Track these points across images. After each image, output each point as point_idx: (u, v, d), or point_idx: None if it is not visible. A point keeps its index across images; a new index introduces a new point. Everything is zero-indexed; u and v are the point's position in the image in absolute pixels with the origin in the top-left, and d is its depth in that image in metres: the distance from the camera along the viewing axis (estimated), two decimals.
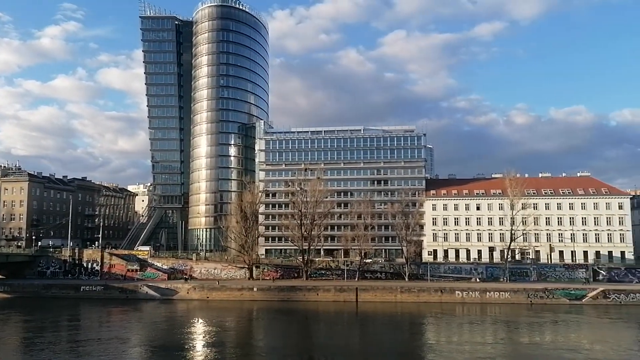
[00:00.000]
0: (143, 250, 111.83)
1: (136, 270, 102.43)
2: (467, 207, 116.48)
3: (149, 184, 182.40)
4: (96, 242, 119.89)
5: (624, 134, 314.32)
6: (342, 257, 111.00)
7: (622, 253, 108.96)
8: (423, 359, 47.86)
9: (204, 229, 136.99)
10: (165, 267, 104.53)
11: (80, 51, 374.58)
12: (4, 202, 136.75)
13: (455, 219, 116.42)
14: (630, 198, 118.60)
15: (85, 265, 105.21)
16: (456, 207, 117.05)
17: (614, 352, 48.90)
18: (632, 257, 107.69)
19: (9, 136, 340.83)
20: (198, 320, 68.30)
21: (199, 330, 61.20)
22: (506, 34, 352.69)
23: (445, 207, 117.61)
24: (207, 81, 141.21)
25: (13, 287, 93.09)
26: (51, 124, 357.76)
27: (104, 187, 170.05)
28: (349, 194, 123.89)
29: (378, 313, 76.97)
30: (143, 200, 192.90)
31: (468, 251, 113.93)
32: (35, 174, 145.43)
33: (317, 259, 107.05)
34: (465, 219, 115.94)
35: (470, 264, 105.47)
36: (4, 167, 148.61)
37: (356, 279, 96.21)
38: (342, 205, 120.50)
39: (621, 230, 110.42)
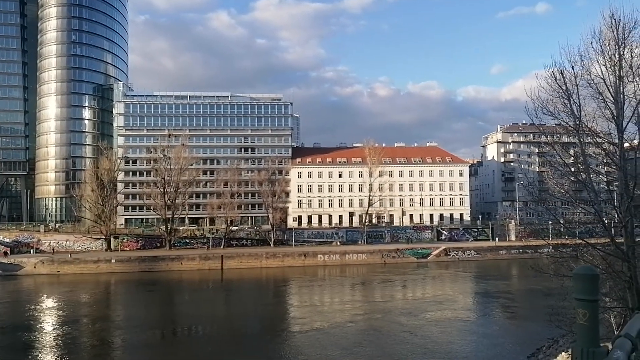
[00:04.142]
0: None
1: None
2: (330, 175, 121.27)
3: None
4: None
5: (468, 108, 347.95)
6: (208, 225, 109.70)
7: (461, 215, 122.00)
8: (285, 321, 49.77)
9: (54, 198, 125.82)
10: (7, 240, 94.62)
11: None
12: None
13: (319, 186, 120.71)
14: (469, 166, 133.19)
15: None
16: (320, 175, 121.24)
17: (450, 302, 55.31)
18: (469, 219, 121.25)
19: None
20: (47, 296, 63.45)
21: (48, 307, 56.92)
22: (374, 9, 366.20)
23: (310, 175, 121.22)
24: (56, 36, 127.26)
25: None
26: None
27: None
28: (215, 161, 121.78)
29: (244, 279, 78.01)
30: None
31: (330, 217, 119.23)
32: None
33: (181, 228, 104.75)
34: (329, 186, 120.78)
35: (332, 228, 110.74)
36: None
37: (222, 247, 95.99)
38: (208, 172, 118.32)
39: (461, 195, 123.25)
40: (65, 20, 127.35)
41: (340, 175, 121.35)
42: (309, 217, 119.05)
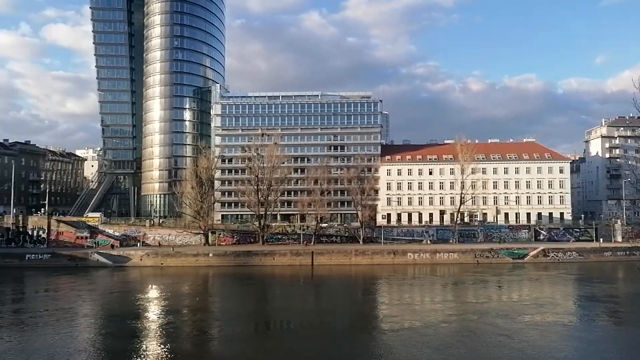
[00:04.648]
0: (93, 217, 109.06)
1: (86, 238, 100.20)
2: (420, 172, 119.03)
3: (99, 149, 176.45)
4: (42, 209, 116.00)
5: (569, 101, 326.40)
6: (299, 222, 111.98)
7: (562, 214, 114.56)
8: (376, 318, 49.55)
9: (158, 195, 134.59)
10: (117, 234, 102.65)
11: (24, 4, 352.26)
12: None
13: (408, 183, 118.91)
14: (570, 163, 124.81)
15: (30, 233, 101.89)
16: (410, 172, 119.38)
17: (551, 305, 52.10)
18: (570, 218, 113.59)
19: None
20: (152, 287, 67.96)
21: (154, 297, 60.99)
22: (467, 1, 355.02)
23: (399, 172, 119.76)
24: (160, 42, 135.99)
25: None
26: None
27: (50, 151, 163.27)
28: (305, 159, 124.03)
29: (333, 276, 78.76)
30: (93, 166, 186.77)
31: (420, 214, 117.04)
32: None
33: (273, 224, 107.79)
34: (418, 183, 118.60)
35: (422, 226, 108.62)
36: None
37: (312, 243, 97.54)
38: (299, 170, 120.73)
39: (561, 192, 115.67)
40: (168, 27, 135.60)
41: (430, 173, 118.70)
42: (399, 215, 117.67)
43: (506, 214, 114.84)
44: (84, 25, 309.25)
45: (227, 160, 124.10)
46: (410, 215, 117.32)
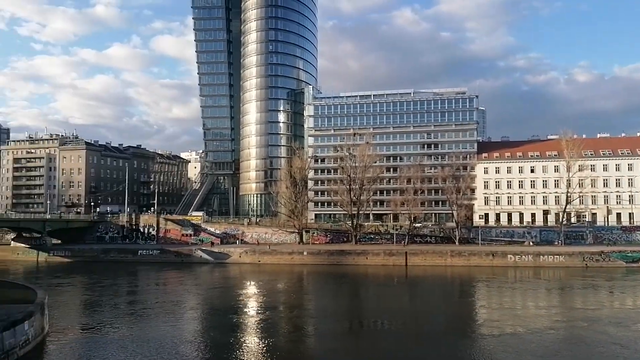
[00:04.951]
0: (196, 216, 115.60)
1: (190, 235, 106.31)
2: (520, 170, 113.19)
3: (201, 151, 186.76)
4: (152, 208, 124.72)
5: None
6: (391, 221, 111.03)
7: None
8: (474, 321, 47.73)
9: (255, 195, 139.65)
10: (218, 231, 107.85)
11: (135, 18, 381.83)
12: (63, 170, 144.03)
13: (508, 182, 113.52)
14: None
15: (142, 230, 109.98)
16: (509, 170, 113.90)
17: None
18: None
19: (66, 105, 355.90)
20: (250, 283, 70.56)
21: (252, 293, 63.29)
22: None
23: (497, 170, 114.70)
24: (256, 47, 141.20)
25: (73, 252, 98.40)
26: (107, 92, 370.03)
27: (158, 154, 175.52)
28: (398, 158, 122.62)
29: (428, 277, 77.16)
30: (196, 167, 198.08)
31: (521, 215, 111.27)
32: (92, 142, 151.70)
33: (366, 224, 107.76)
34: (519, 181, 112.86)
35: (523, 227, 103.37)
36: (62, 136, 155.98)
37: (405, 243, 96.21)
38: (392, 169, 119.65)
39: None
40: (264, 33, 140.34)
41: (532, 171, 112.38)
42: (497, 215, 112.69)
43: (618, 214, 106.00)
44: (187, 35, 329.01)
45: (319, 161, 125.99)
46: (510, 215, 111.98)
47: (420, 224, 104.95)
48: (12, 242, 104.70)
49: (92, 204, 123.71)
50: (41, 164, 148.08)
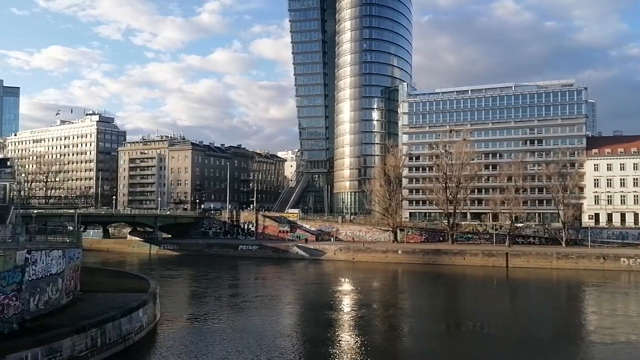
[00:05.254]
0: (293, 213, 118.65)
1: (287, 232, 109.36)
2: (635, 167, 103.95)
3: (296, 150, 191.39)
4: (251, 205, 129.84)
5: None
6: (490, 221, 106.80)
7: None
8: (583, 328, 44.62)
9: (349, 193, 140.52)
10: (313, 229, 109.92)
11: (236, 24, 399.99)
12: (171, 169, 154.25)
13: (621, 179, 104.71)
14: None
15: (242, 226, 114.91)
16: (622, 167, 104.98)
17: None
18: None
19: (174, 108, 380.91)
20: (345, 280, 71.20)
21: (347, 290, 63.86)
22: None
23: (609, 167, 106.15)
24: (350, 46, 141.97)
25: (180, 245, 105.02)
26: (210, 95, 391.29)
27: (257, 153, 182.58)
28: (497, 155, 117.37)
29: (531, 279, 73.38)
30: (292, 166, 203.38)
31: (636, 215, 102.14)
32: (197, 142, 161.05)
33: (463, 223, 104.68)
34: (634, 179, 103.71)
35: (638, 228, 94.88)
36: (171, 137, 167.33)
37: (506, 244, 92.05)
38: (490, 167, 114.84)
39: None
40: (358, 32, 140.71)
41: None
42: (609, 215, 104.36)
43: None
44: (284, 37, 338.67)
45: (414, 158, 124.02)
46: (623, 215, 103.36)
47: (522, 224, 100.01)
48: (128, 235, 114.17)
49: (196, 201, 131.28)
50: (153, 163, 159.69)
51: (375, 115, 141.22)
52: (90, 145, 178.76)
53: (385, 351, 36.16)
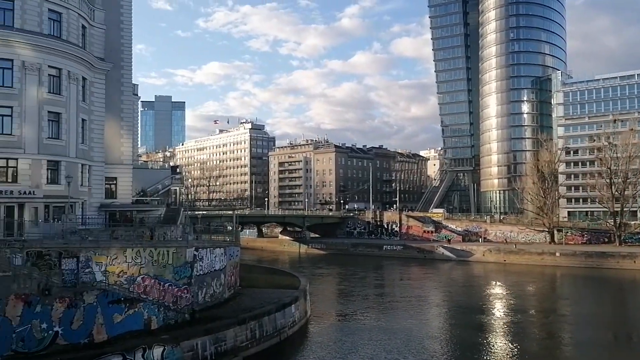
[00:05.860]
0: (437, 213, 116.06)
1: (431, 232, 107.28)
2: None
3: (439, 148, 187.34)
4: (393, 205, 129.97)
5: None
6: None
7: None
8: None
9: (497, 191, 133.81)
10: (459, 229, 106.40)
11: (375, 26, 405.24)
12: (317, 171, 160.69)
13: None
14: None
15: (385, 226, 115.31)
16: None
17: None
18: None
19: (318, 113, 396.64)
20: (496, 284, 67.77)
21: (498, 294, 60.76)
22: None
23: None
24: (495, 37, 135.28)
25: (327, 245, 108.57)
26: (352, 98, 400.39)
27: (398, 153, 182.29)
28: None
29: None
30: (434, 165, 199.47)
31: None
32: (340, 145, 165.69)
33: (632, 223, 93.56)
34: None
35: None
36: (315, 140, 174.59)
37: None
38: None
39: None
40: (504, 21, 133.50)
41: None
42: None
43: None
44: (424, 34, 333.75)
45: (572, 152, 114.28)
46: None
47: None
48: (279, 235, 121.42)
49: (341, 201, 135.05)
50: (299, 166, 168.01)
51: (525, 108, 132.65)
52: (245, 151, 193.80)
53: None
